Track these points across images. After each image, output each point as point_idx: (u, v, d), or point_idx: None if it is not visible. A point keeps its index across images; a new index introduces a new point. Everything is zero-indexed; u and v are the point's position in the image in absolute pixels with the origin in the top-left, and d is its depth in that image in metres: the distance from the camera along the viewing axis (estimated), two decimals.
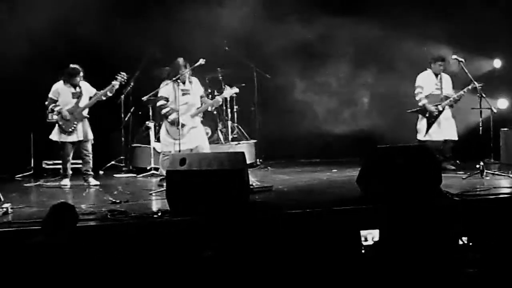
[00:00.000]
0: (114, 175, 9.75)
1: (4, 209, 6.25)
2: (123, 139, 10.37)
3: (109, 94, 8.57)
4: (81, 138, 8.48)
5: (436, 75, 9.34)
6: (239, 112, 10.96)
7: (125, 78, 8.65)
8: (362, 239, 5.27)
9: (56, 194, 7.90)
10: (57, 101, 8.42)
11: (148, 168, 9.69)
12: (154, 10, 10.45)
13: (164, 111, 8.43)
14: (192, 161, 6.28)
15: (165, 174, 6.73)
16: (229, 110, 10.75)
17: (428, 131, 9.22)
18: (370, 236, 5.24)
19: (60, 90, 8.47)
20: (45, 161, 9.42)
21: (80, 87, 8.54)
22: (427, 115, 9.26)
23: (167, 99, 8.43)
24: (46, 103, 8.45)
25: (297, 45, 10.84)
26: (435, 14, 10.46)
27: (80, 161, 8.78)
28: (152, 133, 9.96)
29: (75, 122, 8.41)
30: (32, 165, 9.62)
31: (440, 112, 9.22)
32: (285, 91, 11.05)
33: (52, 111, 8.43)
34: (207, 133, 10.26)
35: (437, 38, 10.28)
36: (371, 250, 4.71)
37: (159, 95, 8.50)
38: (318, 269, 4.68)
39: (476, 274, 3.95)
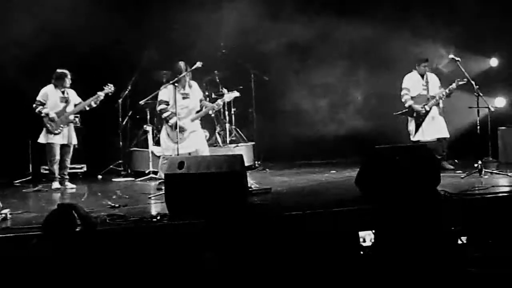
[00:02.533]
0: (113, 179, 9.75)
1: (3, 215, 6.23)
2: (121, 143, 10.38)
3: (93, 105, 8.80)
4: (66, 142, 8.71)
5: (422, 75, 9.39)
6: (236, 115, 10.97)
7: (112, 90, 8.82)
8: (361, 240, 5.27)
9: (55, 199, 7.90)
10: (45, 104, 8.59)
11: (147, 172, 9.68)
12: (151, 14, 10.46)
13: (165, 115, 8.38)
14: (190, 164, 6.27)
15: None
16: (227, 113, 10.76)
17: (417, 131, 9.26)
18: (369, 237, 5.24)
19: (49, 94, 8.65)
20: (44, 166, 9.40)
21: (67, 93, 8.74)
22: (414, 115, 9.30)
23: (167, 103, 8.37)
24: (34, 105, 8.57)
25: (294, 47, 10.86)
26: (432, 13, 10.49)
27: (77, 166, 8.81)
28: (150, 136, 9.96)
29: (62, 125, 8.63)
30: (30, 170, 9.62)
31: (427, 112, 9.25)
32: (283, 93, 11.06)
33: (40, 113, 8.56)
34: (205, 136, 10.27)
35: (434, 37, 10.31)
36: (370, 251, 4.71)
37: (159, 99, 8.44)
38: (316, 271, 4.68)
39: (476, 274, 3.95)
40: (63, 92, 8.71)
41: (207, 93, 10.39)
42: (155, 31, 10.34)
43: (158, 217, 5.99)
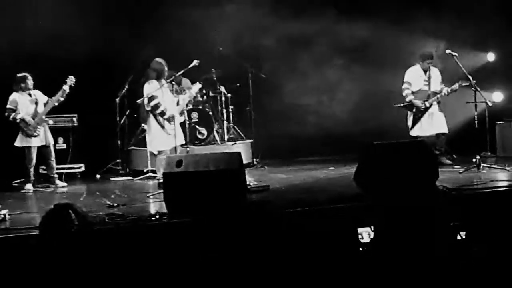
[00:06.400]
0: (111, 179, 9.75)
1: (2, 216, 6.23)
2: (119, 142, 10.37)
3: (61, 99, 8.94)
4: (43, 143, 8.95)
5: (425, 71, 9.37)
6: (234, 113, 10.97)
7: (74, 81, 8.89)
8: (360, 236, 5.27)
9: (54, 200, 7.89)
10: (16, 110, 8.80)
11: (145, 170, 9.67)
12: (148, 12, 10.45)
13: (160, 109, 8.45)
14: (188, 162, 6.27)
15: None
16: (224, 111, 10.75)
17: (415, 126, 9.26)
18: (367, 234, 5.23)
19: (17, 99, 8.86)
20: (42, 167, 9.39)
21: (34, 94, 8.94)
22: (413, 110, 9.30)
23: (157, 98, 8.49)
24: (6, 114, 8.80)
25: (291, 45, 10.86)
26: (429, 8, 10.48)
27: (75, 165, 9.13)
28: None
29: (38, 127, 8.83)
30: None
31: (426, 108, 9.25)
32: (280, 90, 11.06)
33: (14, 119, 8.77)
34: (202, 134, 10.30)
35: (431, 32, 10.31)
36: (369, 247, 4.71)
37: (151, 94, 8.46)
38: (316, 268, 4.67)
39: (475, 269, 3.95)
40: (29, 95, 8.91)
41: (204, 91, 10.40)
42: (152, 29, 10.32)
43: (157, 216, 5.99)
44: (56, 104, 8.97)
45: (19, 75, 8.84)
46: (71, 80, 8.88)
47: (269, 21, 10.33)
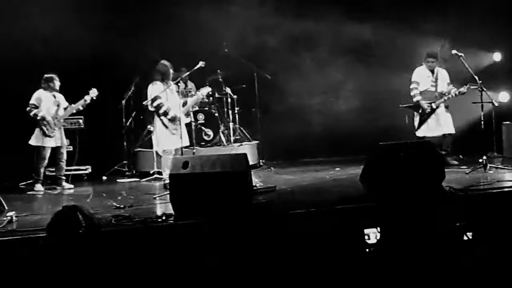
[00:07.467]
0: (118, 180, 9.77)
1: (9, 218, 6.24)
2: (125, 143, 10.39)
3: (81, 108, 9.13)
4: (59, 144, 9.03)
5: (432, 71, 9.33)
6: (240, 114, 10.98)
7: (96, 93, 9.06)
8: (366, 237, 5.27)
9: (60, 201, 7.90)
10: (38, 107, 8.84)
11: (151, 172, 9.70)
12: (153, 14, 10.47)
13: (163, 109, 8.50)
14: (194, 164, 6.27)
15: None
16: (230, 112, 10.76)
17: (421, 127, 9.24)
18: (374, 234, 5.23)
19: (42, 97, 8.92)
20: (48, 168, 9.42)
21: (57, 96, 9.04)
22: (420, 111, 9.27)
23: (161, 98, 8.54)
24: (28, 108, 8.82)
25: (297, 45, 10.86)
26: (435, 8, 10.47)
27: (82, 167, 9.38)
28: (154, 137, 9.96)
29: (56, 128, 8.93)
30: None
31: (433, 110, 9.21)
32: (286, 91, 11.06)
33: (35, 115, 8.80)
34: (208, 135, 10.32)
35: (437, 33, 10.29)
36: (375, 248, 4.71)
37: (154, 95, 8.51)
38: (322, 269, 4.68)
39: (481, 269, 3.95)
40: (54, 96, 8.99)
41: (210, 93, 10.42)
42: (157, 31, 10.34)
43: (163, 217, 5.99)
44: (75, 111, 9.13)
45: (47, 75, 8.94)
46: (93, 92, 9.03)
47: (274, 22, 10.34)
